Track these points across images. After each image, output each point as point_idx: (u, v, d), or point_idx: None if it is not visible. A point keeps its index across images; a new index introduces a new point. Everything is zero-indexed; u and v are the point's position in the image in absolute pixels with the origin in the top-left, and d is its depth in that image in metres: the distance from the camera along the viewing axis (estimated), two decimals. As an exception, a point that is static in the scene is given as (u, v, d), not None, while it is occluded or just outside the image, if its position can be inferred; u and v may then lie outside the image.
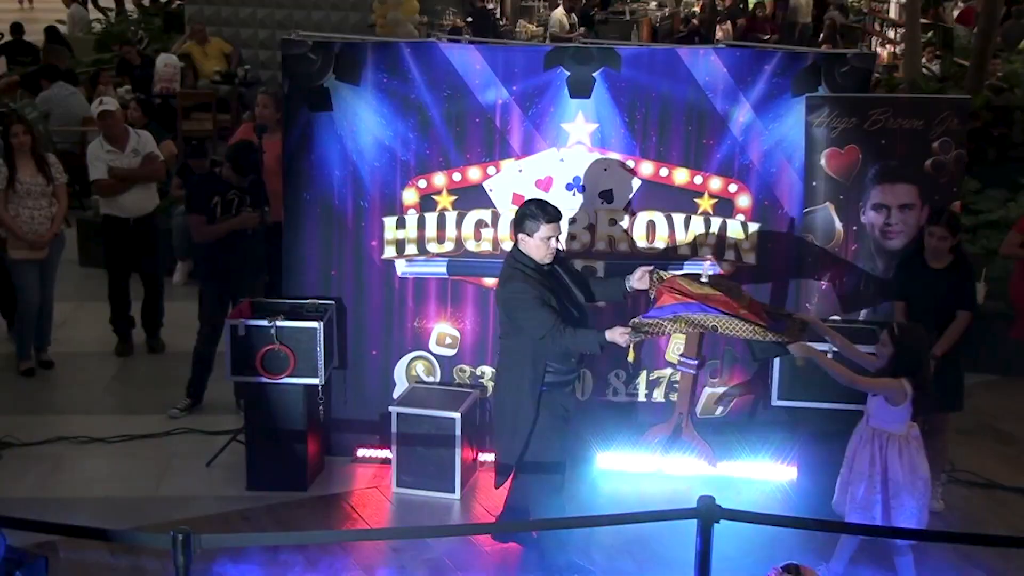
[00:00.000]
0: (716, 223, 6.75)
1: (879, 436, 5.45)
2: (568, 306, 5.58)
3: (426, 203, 6.74)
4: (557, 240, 5.57)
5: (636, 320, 5.41)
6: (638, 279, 5.70)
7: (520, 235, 5.55)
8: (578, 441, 5.83)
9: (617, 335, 5.33)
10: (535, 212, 5.51)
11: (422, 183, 6.73)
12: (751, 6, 18.09)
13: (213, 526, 6.05)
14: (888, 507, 5.39)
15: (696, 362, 6.22)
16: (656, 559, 5.89)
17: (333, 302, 6.71)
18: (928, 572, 5.71)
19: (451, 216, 6.73)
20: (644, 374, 6.87)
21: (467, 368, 6.89)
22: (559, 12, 16.86)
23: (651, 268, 5.75)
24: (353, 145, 6.68)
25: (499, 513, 6.05)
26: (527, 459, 5.62)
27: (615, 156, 6.67)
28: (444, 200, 6.73)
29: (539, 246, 5.51)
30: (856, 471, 5.50)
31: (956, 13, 16.54)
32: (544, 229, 5.48)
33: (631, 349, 5.45)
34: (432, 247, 6.76)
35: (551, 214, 5.51)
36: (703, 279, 5.65)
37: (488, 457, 6.81)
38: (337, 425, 6.91)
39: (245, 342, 6.43)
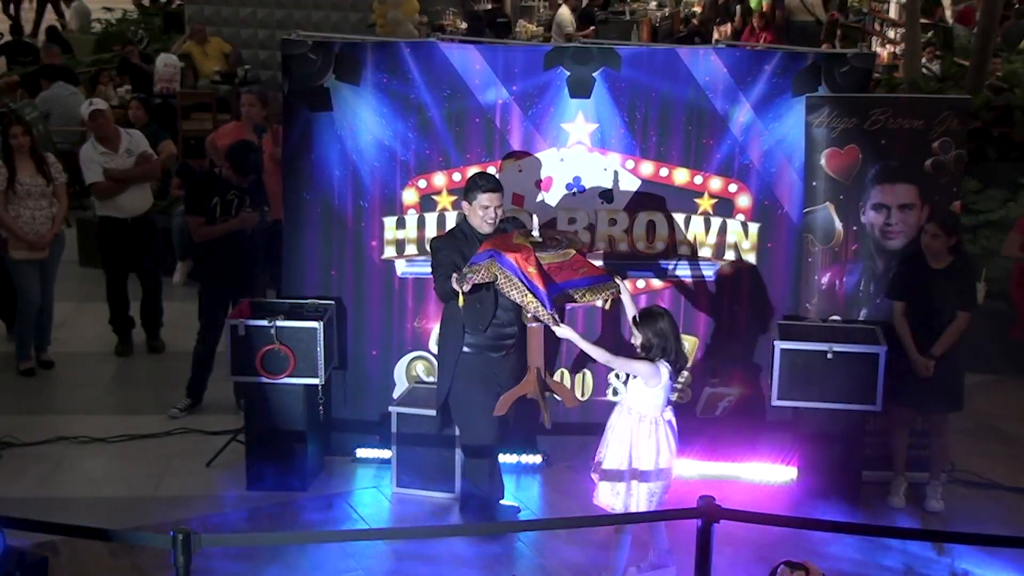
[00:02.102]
0: (716, 223, 6.76)
1: (633, 415, 5.44)
2: None
3: (426, 203, 6.74)
4: (496, 211, 5.87)
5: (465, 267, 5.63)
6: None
7: (463, 202, 6.00)
8: None
9: (453, 281, 5.62)
10: (477, 182, 5.94)
11: (422, 183, 6.73)
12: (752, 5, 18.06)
13: (213, 526, 6.05)
14: (628, 487, 5.40)
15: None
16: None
17: (333, 302, 6.71)
18: (928, 572, 5.73)
19: (451, 216, 6.73)
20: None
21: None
22: (566, 11, 16.84)
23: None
24: (353, 145, 6.68)
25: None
26: (457, 424, 6.16)
27: (615, 156, 6.67)
28: (444, 200, 6.73)
29: (477, 213, 5.88)
30: (609, 441, 5.49)
31: (949, 12, 16.52)
32: (482, 198, 5.86)
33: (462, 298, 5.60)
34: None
35: (489, 184, 5.91)
36: (534, 232, 5.66)
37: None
38: (337, 425, 6.91)
39: (245, 342, 6.43)
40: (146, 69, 13.68)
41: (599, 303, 5.78)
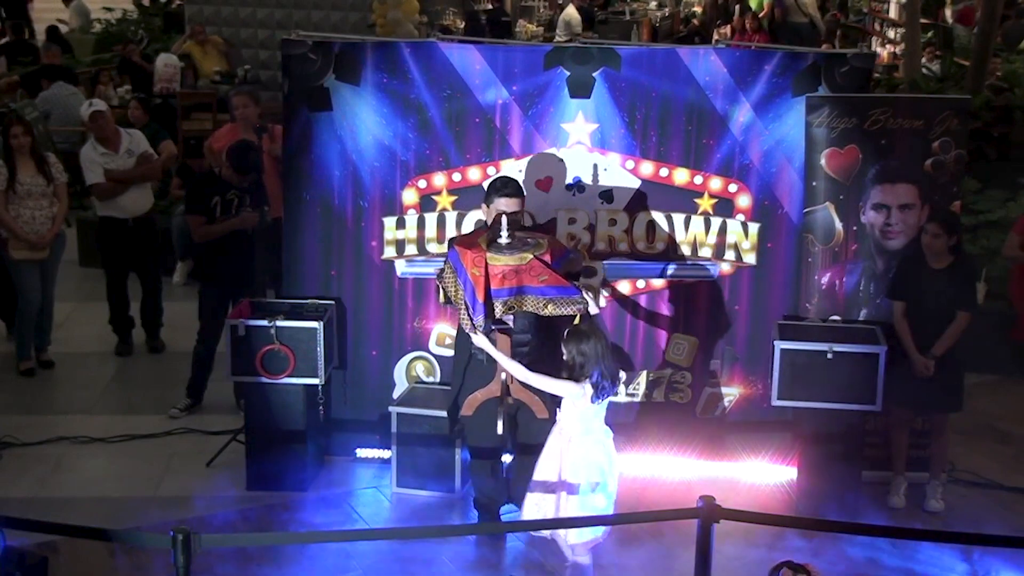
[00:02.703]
0: (716, 223, 6.75)
1: (564, 433, 5.37)
2: None
3: (426, 203, 6.74)
4: (515, 215, 5.83)
5: None
6: None
7: (483, 204, 6.01)
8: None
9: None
10: (496, 185, 5.96)
11: (422, 183, 6.73)
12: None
13: (213, 526, 6.05)
14: (557, 502, 5.33)
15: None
16: (656, 559, 5.89)
17: (333, 302, 6.71)
18: (928, 572, 5.73)
19: (451, 216, 6.73)
20: (644, 374, 6.88)
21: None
22: (573, 11, 16.83)
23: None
24: (353, 145, 6.68)
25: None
26: (464, 425, 6.11)
27: (615, 156, 6.67)
28: (444, 200, 6.73)
29: (492, 215, 5.87)
30: (543, 456, 5.43)
31: (949, 12, 16.51)
32: (499, 202, 5.86)
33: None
34: (432, 247, 6.76)
35: (508, 189, 5.90)
36: (502, 232, 5.54)
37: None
38: (337, 425, 6.91)
39: (245, 342, 6.43)
40: (147, 68, 13.69)
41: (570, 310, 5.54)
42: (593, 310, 5.58)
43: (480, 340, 5.50)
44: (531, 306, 5.47)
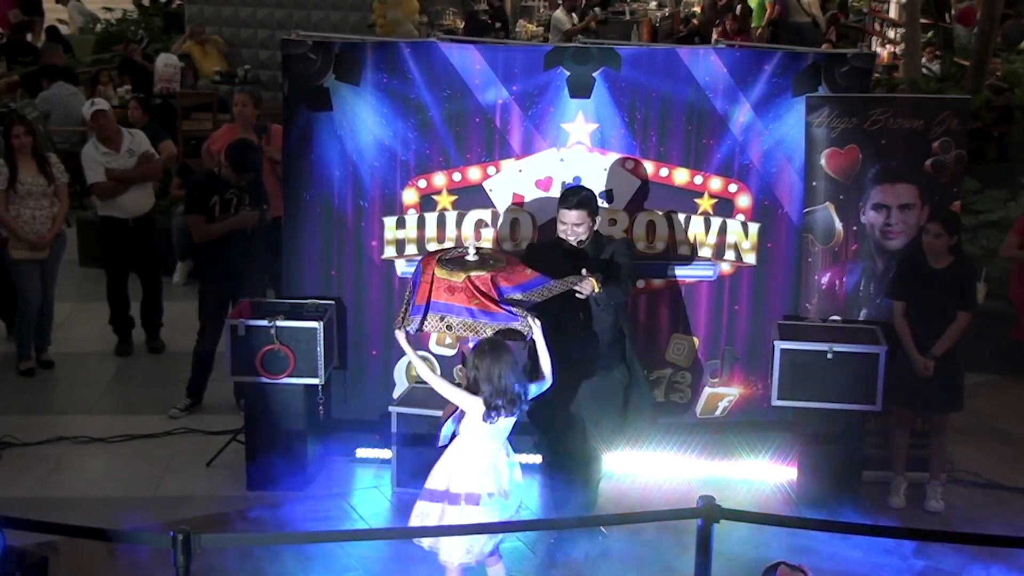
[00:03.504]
0: (716, 223, 6.75)
1: (459, 442, 5.31)
2: None
3: (426, 203, 6.74)
4: (575, 229, 5.85)
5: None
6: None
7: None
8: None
9: None
10: (563, 195, 6.02)
11: (422, 183, 6.73)
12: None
13: (213, 526, 6.05)
14: (442, 512, 5.23)
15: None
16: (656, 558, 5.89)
17: (333, 302, 6.71)
18: (928, 572, 5.72)
19: (451, 216, 6.73)
20: (644, 374, 6.86)
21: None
22: (560, 13, 16.86)
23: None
24: (353, 145, 6.68)
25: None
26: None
27: (615, 156, 6.67)
28: (444, 200, 6.73)
29: (559, 224, 5.95)
30: (438, 464, 5.36)
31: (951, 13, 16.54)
32: (561, 213, 5.93)
33: None
34: (432, 247, 6.75)
35: (570, 202, 5.89)
36: (469, 248, 5.58)
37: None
38: (337, 425, 6.91)
39: (245, 342, 6.43)
40: (148, 68, 13.68)
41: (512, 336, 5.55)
42: (538, 337, 5.42)
43: (399, 336, 5.51)
44: (460, 327, 5.43)
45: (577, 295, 5.66)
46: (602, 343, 5.92)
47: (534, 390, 5.34)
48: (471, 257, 5.52)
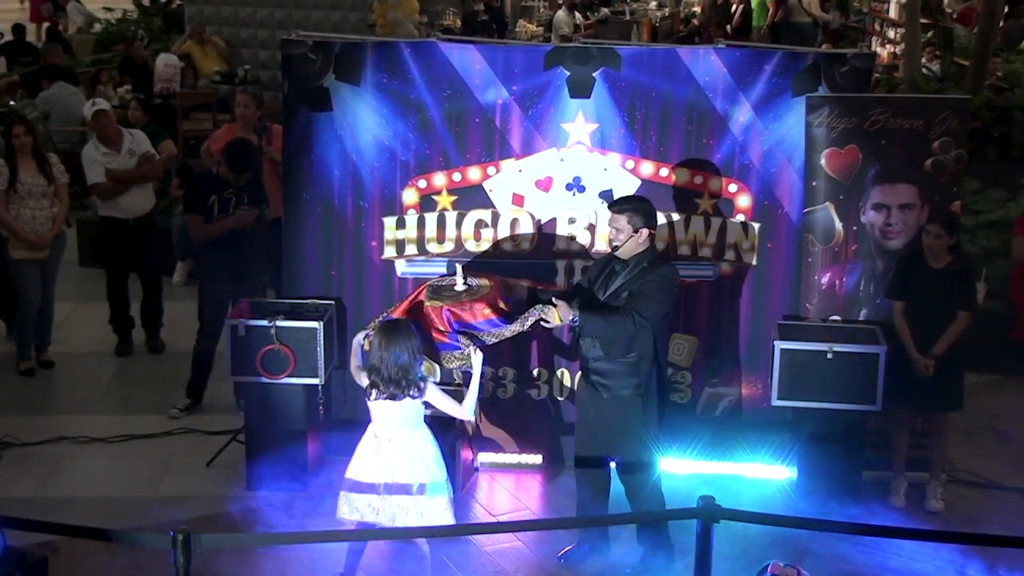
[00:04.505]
0: (716, 223, 6.75)
1: (373, 427, 5.49)
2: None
3: (426, 203, 6.74)
4: (613, 229, 5.80)
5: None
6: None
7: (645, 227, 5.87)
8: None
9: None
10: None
11: (422, 183, 6.73)
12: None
13: (213, 526, 6.05)
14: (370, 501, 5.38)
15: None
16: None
17: (333, 302, 6.71)
18: (929, 572, 5.73)
19: (451, 216, 6.73)
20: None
21: (467, 368, 6.89)
22: (563, 13, 16.87)
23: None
24: (353, 145, 6.68)
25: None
26: None
27: (615, 156, 6.67)
28: (444, 200, 6.74)
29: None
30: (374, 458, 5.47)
31: (950, 10, 16.55)
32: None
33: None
34: (432, 247, 6.76)
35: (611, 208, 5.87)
36: (458, 279, 5.86)
37: (487, 458, 6.83)
38: (337, 425, 6.90)
39: (245, 342, 6.43)
40: (151, 67, 13.68)
41: (454, 365, 5.87)
42: (475, 370, 5.58)
43: (357, 337, 5.65)
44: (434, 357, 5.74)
45: (543, 324, 5.72)
46: (615, 368, 5.72)
47: (428, 381, 5.43)
48: (459, 287, 5.77)
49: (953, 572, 5.78)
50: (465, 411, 5.52)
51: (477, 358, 5.58)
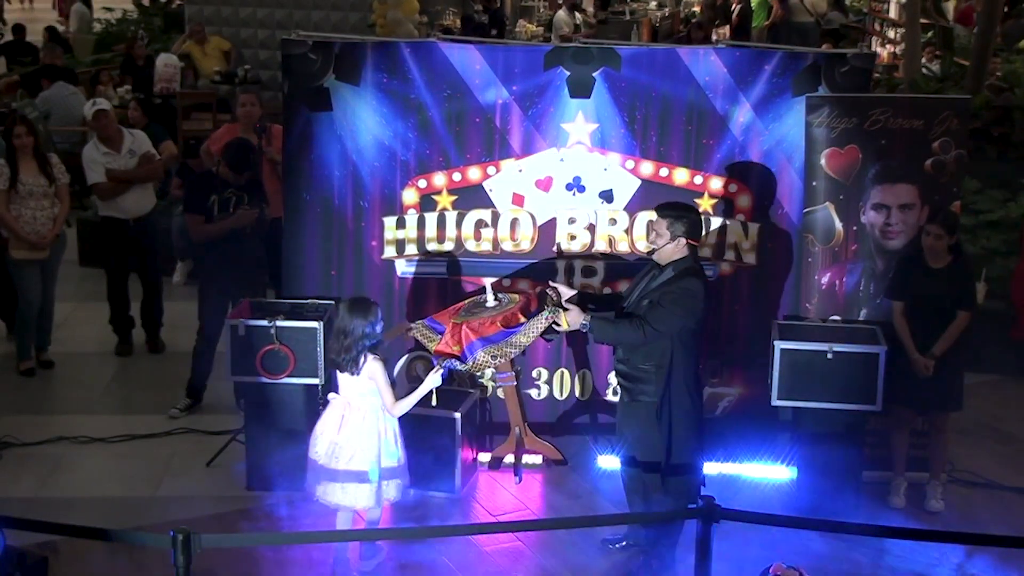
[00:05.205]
0: (716, 223, 6.76)
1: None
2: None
3: (426, 203, 6.74)
4: (652, 235, 5.78)
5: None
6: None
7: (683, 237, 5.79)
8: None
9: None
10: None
11: (422, 183, 6.73)
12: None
13: (213, 526, 6.05)
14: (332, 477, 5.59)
15: (510, 374, 6.54)
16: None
17: (333, 302, 6.70)
18: (928, 572, 5.73)
19: (451, 216, 6.73)
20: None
21: (467, 368, 6.90)
22: (563, 13, 16.88)
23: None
24: (353, 145, 6.69)
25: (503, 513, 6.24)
26: None
27: (615, 156, 6.67)
28: (444, 200, 6.74)
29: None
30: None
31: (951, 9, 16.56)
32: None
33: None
34: (432, 247, 6.77)
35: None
36: (488, 296, 6.13)
37: (487, 457, 6.82)
38: (337, 425, 6.90)
39: (245, 342, 6.42)
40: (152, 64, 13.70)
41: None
42: (427, 382, 5.75)
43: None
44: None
45: (554, 327, 5.76)
46: (634, 373, 5.69)
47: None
48: (490, 303, 6.04)
49: (953, 572, 5.79)
50: (396, 407, 5.63)
51: (438, 375, 5.73)
